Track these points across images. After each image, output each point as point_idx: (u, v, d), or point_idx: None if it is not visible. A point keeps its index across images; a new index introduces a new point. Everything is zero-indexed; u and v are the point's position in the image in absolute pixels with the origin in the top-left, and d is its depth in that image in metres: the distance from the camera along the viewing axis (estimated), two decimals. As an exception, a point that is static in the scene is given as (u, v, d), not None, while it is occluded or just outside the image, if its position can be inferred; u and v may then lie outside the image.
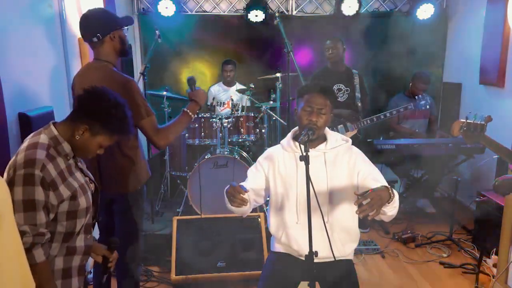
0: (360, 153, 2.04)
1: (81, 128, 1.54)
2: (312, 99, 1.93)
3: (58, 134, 1.54)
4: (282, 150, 2.05)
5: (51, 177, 1.45)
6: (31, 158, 1.43)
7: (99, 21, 2.07)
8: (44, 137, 1.52)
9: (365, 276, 3.15)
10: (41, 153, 1.46)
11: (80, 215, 1.56)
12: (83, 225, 1.60)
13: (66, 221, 1.53)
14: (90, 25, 2.05)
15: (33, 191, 1.40)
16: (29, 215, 1.40)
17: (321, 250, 1.76)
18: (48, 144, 1.51)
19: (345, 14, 4.56)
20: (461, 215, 3.92)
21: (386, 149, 3.77)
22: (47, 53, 2.52)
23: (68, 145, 1.56)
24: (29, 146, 1.49)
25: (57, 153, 1.53)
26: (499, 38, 3.69)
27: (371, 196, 1.62)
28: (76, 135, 1.55)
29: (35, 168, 1.42)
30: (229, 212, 3.28)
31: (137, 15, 4.65)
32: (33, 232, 1.41)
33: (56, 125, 1.58)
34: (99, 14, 2.12)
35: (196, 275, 2.95)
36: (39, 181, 1.42)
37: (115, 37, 2.09)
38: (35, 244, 1.42)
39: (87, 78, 2.05)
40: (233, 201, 1.77)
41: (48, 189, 1.44)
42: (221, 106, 4.56)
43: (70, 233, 1.55)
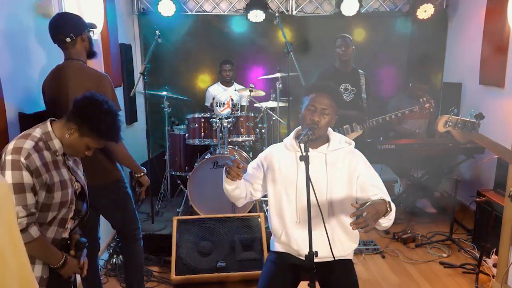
0: (362, 157, 2.02)
1: (72, 127, 1.66)
2: (317, 98, 1.93)
3: (52, 131, 1.66)
4: (284, 148, 2.05)
5: (35, 165, 1.56)
6: (19, 146, 1.56)
7: (72, 22, 2.19)
8: (38, 131, 1.65)
9: (365, 276, 3.15)
10: (29, 143, 1.58)
11: (53, 208, 1.65)
12: (55, 217, 1.68)
13: (40, 211, 1.62)
14: (64, 26, 2.16)
15: (21, 175, 1.53)
16: (20, 197, 1.52)
17: (321, 250, 1.76)
18: (40, 137, 1.63)
19: (345, 14, 4.56)
20: (461, 215, 3.92)
21: (386, 149, 3.77)
22: (47, 53, 2.52)
23: (59, 141, 1.67)
24: (21, 136, 1.62)
25: (45, 147, 1.64)
26: (499, 38, 3.69)
27: (367, 210, 1.61)
28: (66, 133, 1.66)
29: (20, 155, 1.54)
30: (229, 212, 3.31)
31: (137, 15, 4.65)
32: (27, 212, 1.53)
33: (53, 122, 1.69)
34: (71, 16, 2.26)
35: (196, 275, 2.95)
36: (25, 167, 1.54)
37: (85, 38, 2.22)
38: (30, 223, 1.55)
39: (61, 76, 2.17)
40: (229, 172, 1.82)
41: (32, 175, 1.55)
42: (221, 107, 4.56)
43: (40, 224, 1.64)
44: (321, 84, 1.99)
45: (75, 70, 2.17)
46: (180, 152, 4.02)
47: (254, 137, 3.86)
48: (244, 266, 2.97)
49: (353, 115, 3.75)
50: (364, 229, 1.60)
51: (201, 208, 3.56)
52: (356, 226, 1.58)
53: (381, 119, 3.72)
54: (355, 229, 1.61)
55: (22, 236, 1.50)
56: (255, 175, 2.06)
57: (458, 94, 4.54)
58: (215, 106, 4.54)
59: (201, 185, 3.57)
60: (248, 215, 3.21)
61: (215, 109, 4.53)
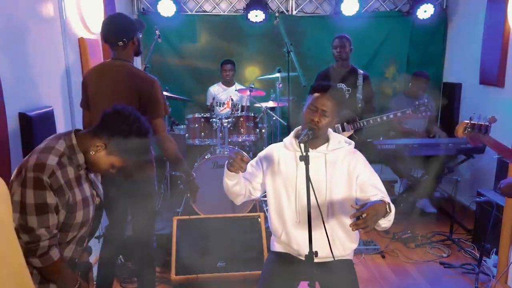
0: (361, 157, 2.02)
1: (98, 144, 1.55)
2: (319, 99, 1.91)
3: (76, 144, 1.55)
4: (284, 148, 2.05)
5: (58, 184, 1.47)
6: (42, 162, 1.45)
7: (124, 27, 2.24)
8: (62, 144, 1.54)
9: (365, 276, 3.15)
10: (53, 159, 1.48)
11: (73, 229, 1.57)
12: (75, 237, 1.60)
13: (59, 231, 1.54)
14: (116, 31, 2.21)
15: (45, 195, 1.43)
16: (43, 218, 1.44)
17: (321, 250, 1.76)
18: (63, 152, 1.52)
19: (345, 14, 4.56)
20: (461, 215, 3.92)
21: (386, 149, 3.77)
22: (47, 53, 2.52)
23: (83, 156, 1.56)
24: (44, 149, 1.50)
25: (69, 162, 1.53)
26: (499, 38, 3.69)
27: (367, 211, 1.61)
28: (92, 150, 1.55)
29: (44, 174, 1.43)
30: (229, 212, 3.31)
31: (137, 15, 4.65)
32: (49, 234, 1.46)
33: (77, 134, 1.59)
34: (123, 20, 2.28)
35: (196, 275, 2.95)
36: (48, 186, 1.44)
37: (135, 41, 2.29)
38: (51, 246, 1.47)
39: (109, 74, 2.24)
40: (232, 165, 1.78)
41: (56, 195, 1.47)
42: (221, 107, 4.56)
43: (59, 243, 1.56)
44: (325, 84, 1.97)
45: (125, 71, 2.22)
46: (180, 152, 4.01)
47: (254, 137, 3.86)
48: (244, 266, 2.97)
49: (343, 115, 3.73)
50: (363, 230, 1.60)
51: (201, 208, 3.56)
52: (356, 227, 1.58)
53: (372, 119, 3.68)
54: (354, 230, 1.60)
55: (42, 259, 1.46)
56: (254, 173, 2.05)
57: (458, 94, 4.54)
58: (215, 106, 4.55)
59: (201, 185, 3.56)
60: (248, 215, 3.21)
61: (215, 108, 4.54)
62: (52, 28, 2.58)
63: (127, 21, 2.28)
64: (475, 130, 2.09)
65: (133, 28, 2.26)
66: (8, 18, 2.11)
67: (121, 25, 2.24)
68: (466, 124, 2.12)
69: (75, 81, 2.82)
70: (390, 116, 3.70)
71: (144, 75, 2.26)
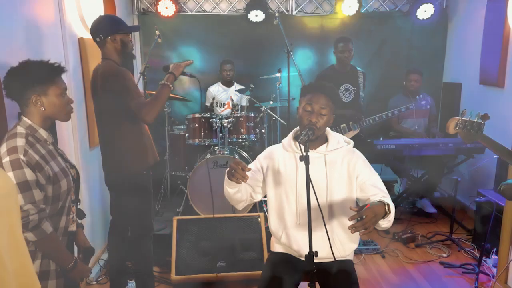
0: (361, 156, 2.02)
1: (34, 100, 1.63)
2: (314, 99, 1.92)
3: (32, 122, 1.65)
4: (283, 149, 2.05)
5: (34, 160, 1.57)
6: (13, 146, 1.56)
7: (102, 24, 2.36)
8: (21, 128, 1.64)
9: (365, 276, 3.15)
10: (21, 140, 1.59)
11: (61, 197, 1.67)
12: (63, 206, 1.70)
13: (51, 204, 1.64)
14: (96, 27, 2.36)
15: (24, 173, 1.53)
16: (27, 195, 1.53)
17: (321, 250, 1.76)
18: (26, 133, 1.63)
19: (345, 14, 4.56)
20: (461, 215, 3.92)
21: (386, 149, 3.77)
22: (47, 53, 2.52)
23: (44, 130, 1.68)
24: (8, 137, 1.61)
25: (35, 140, 1.64)
26: (499, 38, 3.69)
27: (366, 213, 1.61)
28: (37, 108, 1.65)
29: (18, 153, 1.54)
30: (229, 212, 3.31)
31: (137, 15, 4.65)
32: (36, 209, 1.54)
33: (25, 115, 1.67)
34: (104, 18, 2.44)
35: (196, 275, 2.95)
36: (25, 164, 1.54)
37: (116, 39, 2.36)
38: (42, 219, 1.55)
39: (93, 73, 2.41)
40: (233, 175, 1.73)
41: (34, 171, 1.56)
42: (221, 107, 4.56)
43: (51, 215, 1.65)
44: (316, 84, 1.98)
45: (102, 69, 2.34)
46: (180, 152, 4.02)
47: (254, 137, 3.86)
48: (244, 266, 2.97)
49: (349, 114, 3.77)
50: (363, 232, 1.60)
51: (201, 208, 3.56)
52: (355, 230, 1.58)
53: (378, 117, 3.78)
54: (353, 232, 1.61)
55: (35, 233, 1.54)
56: (254, 177, 2.03)
57: (458, 94, 4.54)
58: (215, 106, 4.54)
59: (201, 185, 3.57)
60: (248, 215, 3.21)
61: (216, 109, 4.54)
62: (52, 28, 2.58)
63: (106, 19, 2.42)
64: (467, 127, 2.08)
65: (112, 27, 2.34)
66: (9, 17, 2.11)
67: (98, 22, 2.37)
68: (458, 120, 2.10)
69: (75, 81, 2.82)
70: (395, 112, 3.75)
71: (113, 68, 2.32)
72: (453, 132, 2.13)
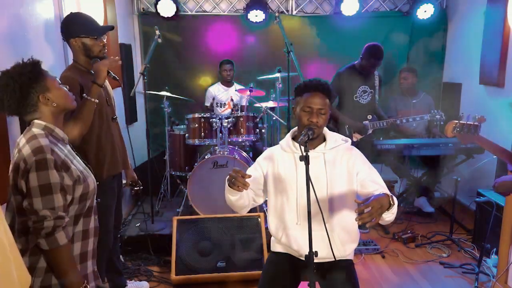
0: (359, 154, 2.03)
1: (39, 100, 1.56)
2: (311, 99, 1.92)
3: (47, 123, 1.57)
4: (282, 150, 2.05)
5: (61, 159, 1.49)
6: (37, 146, 1.46)
7: (64, 25, 2.26)
8: (37, 130, 1.55)
9: (365, 276, 3.15)
10: (44, 140, 1.50)
11: (89, 197, 1.61)
12: (91, 206, 1.64)
13: (79, 203, 1.56)
14: (61, 27, 2.26)
15: (48, 175, 1.44)
16: (47, 199, 1.43)
17: (321, 250, 1.75)
18: (45, 133, 1.55)
19: (345, 14, 4.56)
20: (461, 215, 3.92)
21: (386, 149, 3.77)
22: (47, 53, 2.52)
23: (59, 130, 1.61)
24: (29, 139, 1.51)
25: (55, 140, 1.57)
26: (499, 38, 3.69)
27: (372, 204, 1.61)
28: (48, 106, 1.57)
29: (46, 153, 1.45)
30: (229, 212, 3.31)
31: (137, 15, 4.65)
32: (53, 215, 1.44)
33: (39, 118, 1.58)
34: (67, 18, 2.28)
35: (196, 275, 2.95)
36: (52, 164, 1.45)
37: (77, 43, 2.22)
38: (57, 227, 1.45)
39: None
40: (234, 184, 1.73)
41: (61, 170, 1.48)
42: (221, 107, 4.56)
43: (78, 216, 1.59)
44: (312, 83, 1.97)
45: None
46: (180, 152, 4.02)
47: (254, 137, 3.86)
48: (244, 266, 2.97)
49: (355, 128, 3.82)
50: (369, 224, 1.60)
51: (201, 208, 3.56)
52: (361, 221, 1.58)
53: (385, 122, 3.83)
54: (360, 223, 1.60)
55: (47, 241, 1.44)
56: (255, 180, 2.02)
57: (458, 94, 4.53)
58: (215, 107, 4.54)
59: (201, 185, 3.57)
60: (248, 215, 3.20)
61: (216, 109, 4.54)
62: (52, 28, 2.58)
63: (69, 19, 2.26)
64: (465, 130, 2.11)
65: (74, 30, 2.20)
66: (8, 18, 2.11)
67: (62, 23, 2.27)
68: (455, 124, 2.15)
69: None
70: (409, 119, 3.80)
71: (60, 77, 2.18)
72: (451, 135, 2.18)
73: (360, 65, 3.83)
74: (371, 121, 3.85)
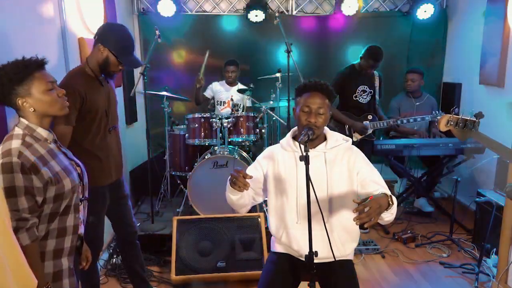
0: (360, 153, 2.03)
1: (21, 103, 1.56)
2: (310, 99, 1.92)
3: (29, 123, 1.59)
4: (282, 149, 2.05)
5: (30, 162, 1.50)
6: (7, 149, 1.50)
7: (105, 31, 2.25)
8: (18, 129, 1.58)
9: (365, 276, 3.15)
10: (16, 142, 1.53)
11: (66, 196, 1.61)
12: (70, 205, 1.65)
13: (53, 203, 1.58)
14: (102, 27, 2.28)
15: (12, 178, 1.46)
16: (11, 201, 1.46)
17: (321, 250, 1.76)
18: (23, 133, 1.57)
19: (345, 14, 4.56)
20: (461, 215, 3.92)
21: (386, 149, 3.78)
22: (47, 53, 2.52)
23: (42, 129, 1.61)
24: (5, 139, 1.56)
25: (34, 140, 1.58)
26: (499, 38, 3.69)
27: (370, 204, 1.61)
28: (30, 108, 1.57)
29: (12, 156, 1.48)
30: (229, 212, 3.31)
31: (137, 15, 4.65)
32: (15, 217, 1.47)
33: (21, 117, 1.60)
34: (112, 28, 2.32)
35: (196, 275, 2.95)
36: (18, 168, 1.47)
37: (103, 51, 2.20)
38: (20, 229, 1.48)
39: None
40: (235, 183, 1.75)
41: (30, 173, 1.49)
42: (221, 105, 4.55)
43: (53, 214, 1.60)
44: (311, 83, 1.97)
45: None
46: (180, 152, 4.02)
47: (254, 137, 3.86)
48: (244, 266, 2.97)
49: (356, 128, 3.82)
50: (367, 224, 1.59)
51: (201, 208, 3.56)
52: (360, 221, 1.58)
53: (386, 122, 3.82)
54: (358, 224, 1.60)
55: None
56: (255, 179, 2.01)
57: (458, 94, 4.54)
58: (216, 105, 4.54)
59: (201, 185, 3.57)
60: (248, 215, 3.20)
61: (216, 107, 4.53)
62: (52, 28, 2.58)
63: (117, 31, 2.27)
64: (460, 125, 2.08)
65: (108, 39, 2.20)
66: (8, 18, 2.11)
67: (108, 27, 2.31)
68: (449, 118, 2.10)
69: (75, 81, 2.81)
70: (410, 120, 3.79)
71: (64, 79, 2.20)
72: (444, 129, 2.11)
73: (359, 65, 3.84)
74: (371, 121, 3.85)
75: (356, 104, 3.87)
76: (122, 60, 2.24)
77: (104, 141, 2.32)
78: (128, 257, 2.70)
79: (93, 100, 2.21)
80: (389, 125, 3.87)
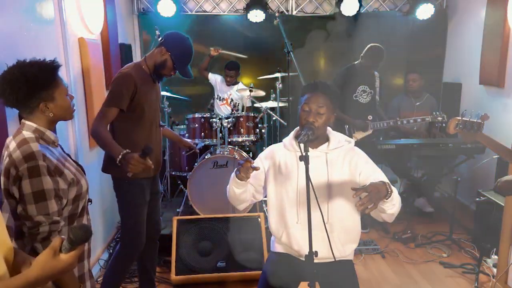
0: (362, 154, 2.03)
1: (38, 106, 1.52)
2: (311, 99, 1.92)
3: (38, 126, 1.54)
4: (284, 148, 2.05)
5: (53, 164, 1.48)
6: (29, 152, 1.44)
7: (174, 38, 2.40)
8: (28, 133, 1.52)
9: (365, 276, 3.15)
10: (35, 145, 1.48)
11: (82, 197, 1.61)
12: (84, 206, 1.65)
13: (72, 204, 1.57)
14: (171, 34, 2.43)
15: (41, 182, 1.43)
16: (41, 206, 1.43)
17: (321, 250, 1.75)
18: (35, 137, 1.52)
19: (345, 14, 4.55)
20: (461, 215, 3.92)
21: (386, 149, 3.77)
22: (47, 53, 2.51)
23: (50, 132, 1.58)
24: (19, 143, 1.48)
25: (46, 143, 1.55)
26: (499, 38, 3.69)
27: (369, 189, 1.63)
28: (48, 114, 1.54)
29: (38, 159, 1.43)
30: (229, 212, 3.31)
31: (137, 15, 4.65)
32: (48, 221, 1.44)
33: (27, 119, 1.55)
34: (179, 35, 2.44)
35: (196, 275, 2.95)
36: (45, 171, 1.44)
37: (164, 54, 2.35)
38: (52, 232, 1.46)
39: None
40: (241, 170, 1.80)
41: (55, 175, 1.47)
42: (220, 101, 4.56)
43: (72, 215, 1.59)
44: (314, 83, 1.97)
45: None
46: (180, 152, 4.02)
47: (254, 137, 3.86)
48: (244, 266, 2.97)
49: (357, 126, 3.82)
50: (369, 209, 1.61)
51: (201, 208, 3.56)
52: (361, 206, 1.59)
53: (386, 123, 3.81)
54: (360, 209, 1.61)
55: (44, 245, 1.45)
56: (256, 176, 2.03)
57: (458, 94, 4.54)
58: (215, 98, 4.55)
59: (201, 185, 3.57)
60: (248, 215, 3.21)
61: (215, 101, 4.54)
62: (52, 28, 2.58)
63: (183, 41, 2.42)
64: (467, 127, 2.11)
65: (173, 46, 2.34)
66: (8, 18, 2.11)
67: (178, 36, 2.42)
68: (458, 121, 2.17)
69: (75, 81, 2.82)
70: (410, 121, 3.79)
71: (120, 71, 2.32)
72: (454, 132, 2.19)
73: (360, 64, 3.83)
74: (372, 121, 3.85)
75: (356, 104, 3.87)
76: (177, 67, 2.39)
77: (150, 136, 2.42)
78: (144, 254, 2.66)
79: (144, 93, 2.32)
80: (389, 126, 3.87)
